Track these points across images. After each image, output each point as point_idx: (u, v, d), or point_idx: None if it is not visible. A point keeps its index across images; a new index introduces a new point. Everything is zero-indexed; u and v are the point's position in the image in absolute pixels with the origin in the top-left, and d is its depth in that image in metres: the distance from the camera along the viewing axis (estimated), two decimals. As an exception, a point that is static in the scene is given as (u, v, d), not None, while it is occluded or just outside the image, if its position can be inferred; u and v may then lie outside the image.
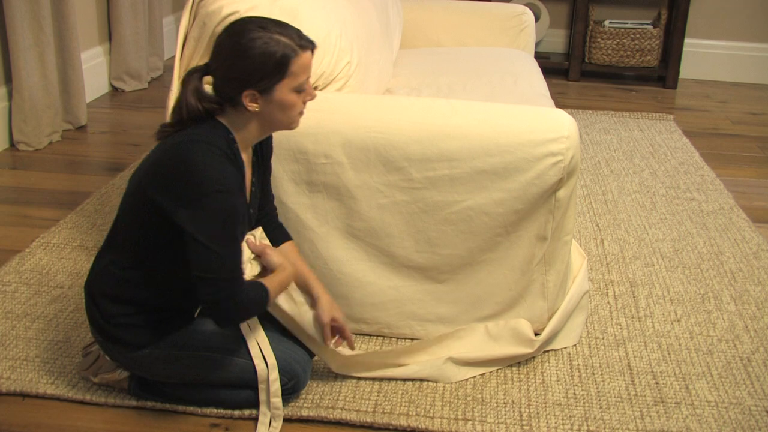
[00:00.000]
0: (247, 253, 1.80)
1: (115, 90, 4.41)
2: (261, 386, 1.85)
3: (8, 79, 3.47)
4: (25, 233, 2.76)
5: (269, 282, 1.78)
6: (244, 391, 1.88)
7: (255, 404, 1.89)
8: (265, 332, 1.87)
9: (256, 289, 1.73)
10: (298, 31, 1.70)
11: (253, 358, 1.84)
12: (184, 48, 2.15)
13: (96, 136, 3.74)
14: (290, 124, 1.76)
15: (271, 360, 1.85)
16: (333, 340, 1.94)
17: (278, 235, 1.97)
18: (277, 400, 1.86)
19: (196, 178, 1.63)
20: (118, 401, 1.92)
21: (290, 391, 1.89)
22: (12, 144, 3.52)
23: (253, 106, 1.70)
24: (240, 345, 1.85)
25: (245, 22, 1.68)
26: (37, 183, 3.19)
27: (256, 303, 1.73)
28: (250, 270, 1.81)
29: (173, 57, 3.78)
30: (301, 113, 1.77)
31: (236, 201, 1.67)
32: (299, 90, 1.71)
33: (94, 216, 2.87)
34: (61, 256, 2.59)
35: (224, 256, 1.66)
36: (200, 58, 2.11)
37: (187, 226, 1.64)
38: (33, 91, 3.44)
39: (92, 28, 4.18)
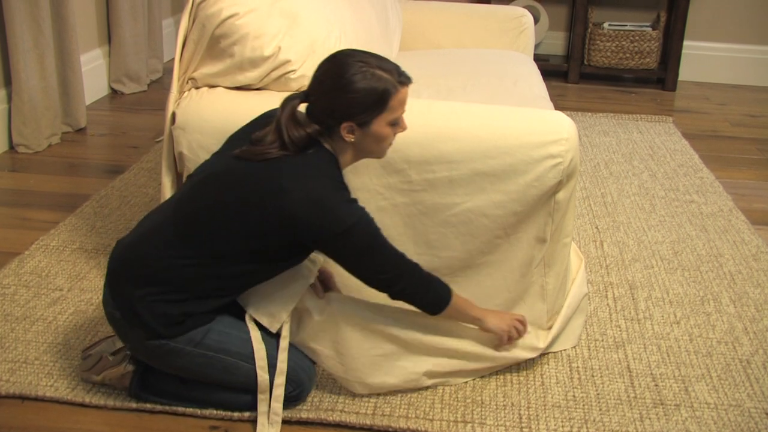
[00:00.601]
0: None
1: (114, 92, 4.41)
2: (261, 397, 1.86)
3: (8, 82, 3.48)
4: (25, 236, 2.76)
5: (462, 299, 1.92)
6: (245, 396, 1.89)
7: (255, 407, 1.89)
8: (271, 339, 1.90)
9: (438, 287, 1.86)
10: (397, 67, 1.76)
11: (257, 369, 1.85)
12: (184, 50, 2.15)
13: (95, 139, 3.74)
14: (380, 154, 1.84)
15: (282, 365, 1.87)
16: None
17: None
18: (277, 406, 1.86)
19: (329, 222, 1.70)
20: (118, 404, 1.92)
21: (294, 398, 1.90)
22: (11, 146, 3.52)
23: (349, 137, 1.76)
24: (248, 350, 1.85)
25: (347, 55, 1.74)
26: (37, 185, 3.19)
27: (435, 298, 1.85)
28: None
29: (173, 59, 3.78)
30: (390, 144, 1.83)
31: (369, 216, 1.76)
32: (394, 123, 1.78)
33: (94, 218, 2.87)
34: (60, 259, 2.58)
35: (383, 259, 1.77)
36: (200, 60, 2.11)
37: (344, 257, 1.76)
38: (32, 93, 3.45)
39: (92, 30, 4.18)
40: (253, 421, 1.89)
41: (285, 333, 1.89)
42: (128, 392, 1.93)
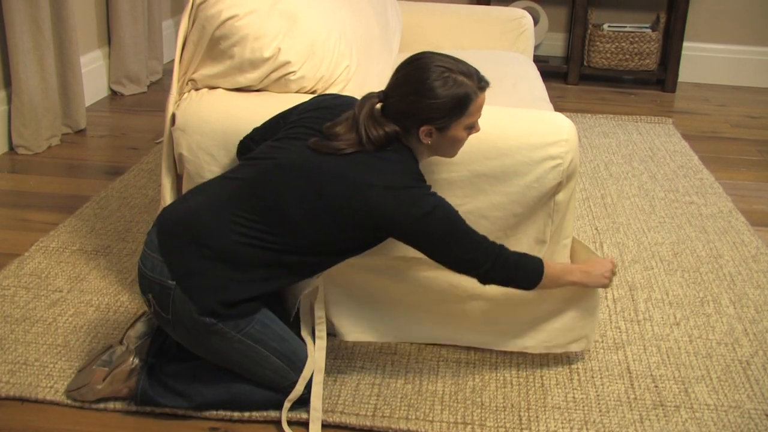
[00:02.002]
0: None
1: (114, 93, 4.41)
2: (287, 404, 1.88)
3: (7, 83, 3.48)
4: (24, 237, 2.76)
5: (554, 265, 1.91)
6: (261, 393, 1.89)
7: (268, 407, 1.90)
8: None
9: (530, 263, 1.85)
10: (477, 72, 1.79)
11: (301, 377, 1.87)
12: (184, 51, 2.15)
13: (95, 140, 3.74)
14: (452, 155, 1.87)
15: (321, 363, 1.90)
16: None
17: None
18: (317, 403, 1.88)
19: (416, 208, 1.72)
20: (117, 406, 1.92)
21: (305, 401, 1.91)
22: (11, 148, 3.52)
23: (426, 140, 1.79)
24: (283, 346, 1.85)
25: (430, 59, 1.76)
26: (36, 187, 3.19)
27: (527, 273, 1.85)
28: None
29: (172, 61, 3.78)
30: (462, 145, 1.85)
31: (443, 206, 1.77)
32: (470, 127, 1.81)
33: (93, 220, 2.87)
34: (60, 260, 2.58)
35: (467, 243, 1.78)
36: (200, 61, 2.11)
37: (424, 244, 1.77)
38: (32, 94, 3.45)
39: (91, 31, 4.18)
40: (253, 422, 1.89)
41: (322, 333, 1.92)
42: (135, 395, 1.89)
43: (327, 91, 2.18)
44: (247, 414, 1.90)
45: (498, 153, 1.99)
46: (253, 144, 1.98)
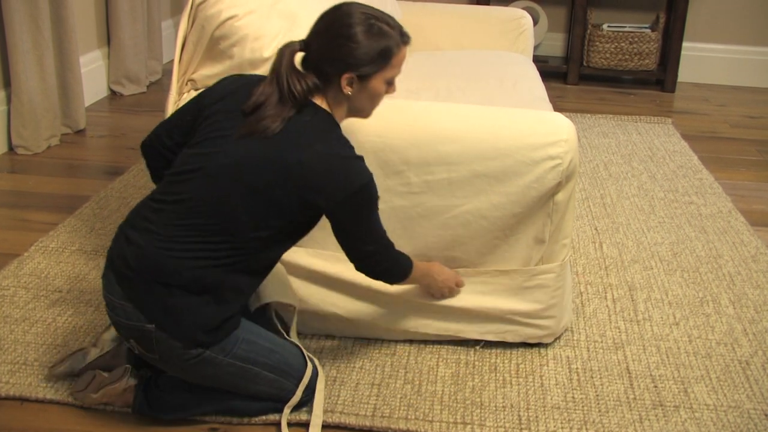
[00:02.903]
0: None
1: (113, 94, 4.41)
2: (287, 410, 1.87)
3: (7, 83, 3.48)
4: (24, 237, 2.76)
5: (416, 262, 1.96)
6: (259, 403, 1.88)
7: (262, 413, 1.89)
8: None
9: (405, 260, 1.92)
10: (400, 26, 1.79)
11: (299, 387, 1.87)
12: (183, 52, 2.15)
13: (95, 140, 3.74)
14: (368, 113, 1.86)
15: (320, 369, 1.93)
16: None
17: None
18: (319, 408, 1.88)
19: (346, 180, 1.71)
20: (117, 407, 1.92)
21: (305, 403, 1.91)
22: (11, 148, 3.52)
23: (347, 90, 1.75)
24: (273, 359, 1.84)
25: (353, 6, 1.75)
26: (36, 187, 3.19)
27: (402, 270, 1.91)
28: None
29: (172, 61, 3.79)
30: (377, 105, 1.85)
31: (374, 183, 1.77)
32: (389, 82, 1.80)
33: (93, 220, 2.87)
34: (59, 260, 2.58)
35: (376, 234, 1.81)
36: (199, 62, 2.11)
37: (345, 220, 1.76)
38: (32, 94, 3.45)
39: (91, 31, 4.18)
40: (252, 424, 1.89)
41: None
42: (132, 409, 1.88)
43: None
44: (246, 418, 1.90)
45: (497, 153, 1.99)
46: (160, 145, 1.89)
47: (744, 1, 5.05)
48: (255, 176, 1.70)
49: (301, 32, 2.10)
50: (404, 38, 1.78)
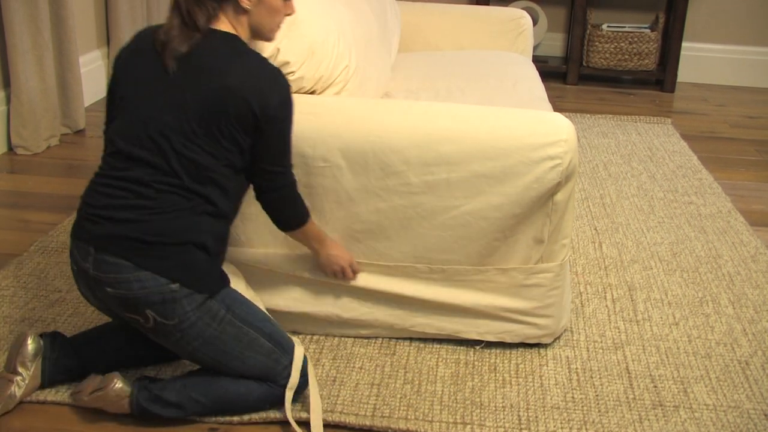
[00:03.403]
0: None
1: (113, 94, 4.40)
2: (288, 394, 1.87)
3: (6, 83, 3.48)
4: (24, 237, 2.76)
5: (315, 223, 2.02)
6: (256, 390, 1.87)
7: (265, 406, 1.89)
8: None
9: (304, 207, 1.96)
10: None
11: (293, 369, 1.87)
12: (183, 52, 2.14)
13: (94, 140, 3.74)
14: (270, 33, 1.91)
15: (308, 357, 1.97)
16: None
17: None
18: (317, 395, 1.90)
19: (281, 85, 1.81)
20: (111, 411, 1.92)
21: (302, 388, 1.91)
22: (10, 148, 3.52)
23: (245, 3, 1.82)
24: (268, 327, 1.87)
25: None
26: (36, 187, 3.19)
27: (302, 206, 1.95)
28: None
29: (171, 61, 3.77)
30: (279, 27, 1.92)
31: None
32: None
33: (93, 220, 2.87)
34: (59, 260, 2.58)
35: (289, 157, 1.88)
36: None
37: (279, 128, 1.81)
38: (31, 95, 3.45)
39: (91, 32, 4.18)
40: (252, 424, 1.89)
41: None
42: (131, 410, 1.86)
43: (326, 92, 2.19)
44: (246, 417, 1.90)
45: (497, 153, 1.99)
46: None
47: (743, 1, 5.06)
48: (191, 119, 1.76)
49: (300, 33, 2.10)
50: None
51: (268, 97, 1.77)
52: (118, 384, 1.86)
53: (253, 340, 1.84)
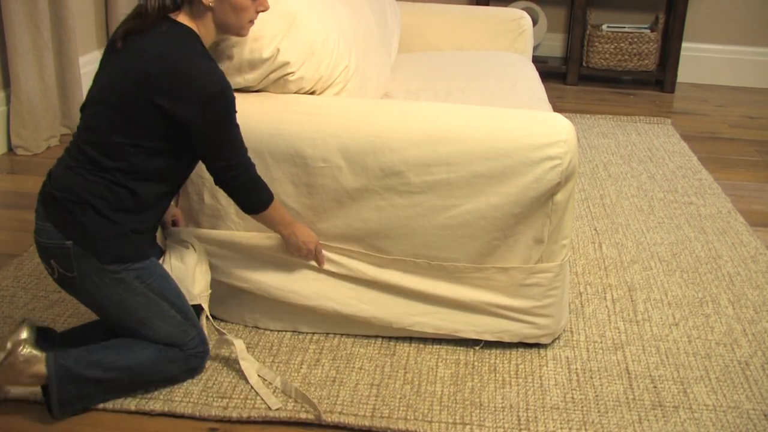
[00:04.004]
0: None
1: (113, 94, 4.40)
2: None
3: (6, 84, 3.48)
4: (23, 238, 2.76)
5: (281, 206, 2.02)
6: (166, 352, 1.93)
7: (175, 374, 1.97)
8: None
9: (266, 187, 1.95)
10: None
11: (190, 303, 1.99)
12: (182, 52, 2.15)
13: (94, 141, 3.73)
14: (240, 29, 1.90)
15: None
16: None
17: None
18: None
19: (201, 86, 1.77)
20: (116, 406, 1.92)
21: (201, 358, 2.00)
22: (10, 148, 3.52)
23: (207, 0, 1.82)
24: (180, 302, 1.94)
25: None
26: (36, 187, 3.19)
27: (263, 190, 1.94)
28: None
29: (171, 61, 3.77)
30: (252, 22, 1.91)
31: (233, 93, 1.82)
32: None
33: (92, 220, 2.87)
34: (59, 261, 2.58)
35: (235, 142, 1.86)
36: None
37: (201, 128, 1.80)
38: (31, 95, 3.45)
39: (90, 32, 4.18)
40: (252, 422, 1.90)
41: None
42: (50, 373, 1.84)
43: (326, 92, 2.19)
44: (246, 414, 1.90)
45: (497, 153, 1.99)
46: None
47: (743, 1, 5.06)
48: (111, 94, 1.81)
49: (300, 33, 2.10)
50: None
51: (189, 96, 1.77)
52: (30, 350, 1.86)
53: (164, 312, 1.92)
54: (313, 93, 2.16)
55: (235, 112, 1.84)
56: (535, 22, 5.02)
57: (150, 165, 1.84)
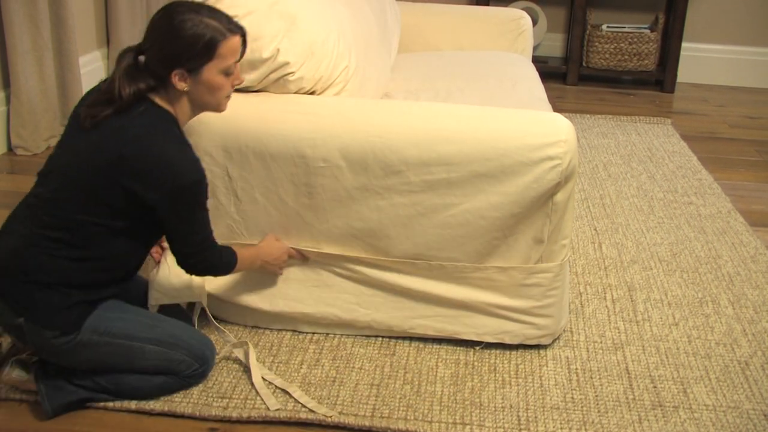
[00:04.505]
0: None
1: (113, 94, 4.40)
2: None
3: (6, 84, 3.48)
4: (23, 237, 2.75)
5: (241, 251, 1.98)
6: (157, 377, 1.92)
7: (167, 391, 1.94)
8: (174, 320, 1.99)
9: (228, 255, 1.94)
10: (228, 17, 1.81)
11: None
12: (182, 52, 2.15)
13: (94, 141, 3.73)
14: (218, 106, 1.86)
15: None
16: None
17: None
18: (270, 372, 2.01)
19: (175, 174, 1.74)
20: (117, 405, 1.92)
21: (200, 375, 1.97)
22: (10, 148, 3.52)
23: (182, 85, 1.78)
24: (154, 332, 1.89)
25: (178, 4, 1.77)
26: (35, 187, 3.19)
27: (226, 264, 1.94)
28: None
29: (171, 61, 3.77)
30: (228, 97, 1.87)
31: (206, 182, 1.81)
32: (227, 73, 1.81)
33: (92, 220, 2.87)
34: (59, 261, 2.58)
35: (202, 233, 1.85)
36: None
37: (170, 214, 1.79)
38: (31, 95, 3.45)
39: (90, 32, 4.18)
40: (252, 422, 1.90)
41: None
42: (45, 411, 1.88)
43: (326, 92, 2.19)
44: (246, 414, 1.90)
45: (497, 153, 1.99)
46: None
47: (743, 1, 5.06)
48: (80, 171, 1.77)
49: (300, 33, 2.10)
50: (231, 27, 1.80)
51: (157, 183, 1.74)
52: (17, 372, 1.89)
53: (140, 350, 1.88)
54: (313, 93, 2.16)
55: (207, 199, 1.82)
56: (535, 22, 5.02)
57: (111, 244, 1.81)
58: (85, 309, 1.83)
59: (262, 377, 2.02)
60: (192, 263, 1.88)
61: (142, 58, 1.79)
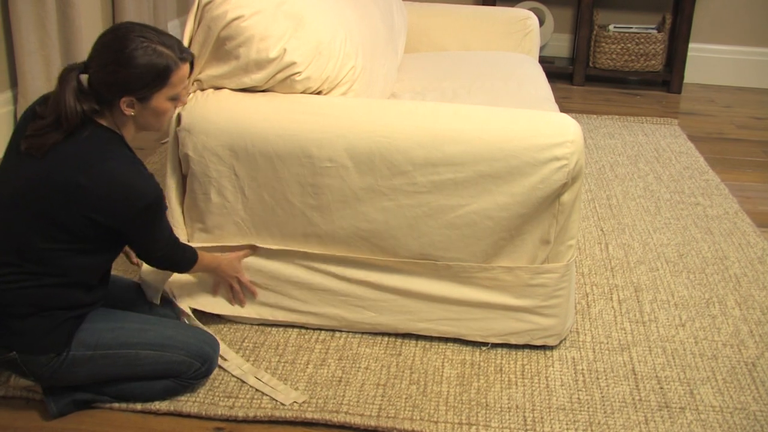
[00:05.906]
0: None
1: (120, 94, 4.41)
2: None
3: (13, 83, 3.48)
4: (30, 237, 2.76)
5: (202, 254, 2.04)
6: (159, 382, 1.92)
7: (171, 394, 1.94)
8: (171, 321, 2.00)
9: (190, 253, 1.99)
10: (179, 42, 1.78)
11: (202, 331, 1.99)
12: (189, 52, 2.15)
13: (101, 140, 3.74)
14: (159, 128, 1.85)
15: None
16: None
17: None
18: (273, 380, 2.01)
19: (136, 198, 1.73)
20: (123, 405, 1.92)
21: (203, 374, 1.95)
22: (17, 148, 3.52)
23: (129, 111, 1.76)
24: (147, 336, 1.88)
25: (130, 29, 1.73)
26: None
27: (187, 261, 1.98)
28: None
29: (178, 61, 3.77)
30: (171, 118, 1.91)
31: (163, 194, 1.81)
32: (174, 98, 1.80)
33: (99, 220, 2.88)
34: (65, 260, 2.59)
35: (164, 236, 1.87)
36: (205, 62, 2.11)
37: (134, 231, 1.79)
38: (38, 95, 3.45)
39: (98, 32, 4.18)
40: (258, 422, 1.90)
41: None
42: (50, 413, 1.89)
43: (332, 92, 2.19)
44: (252, 414, 1.90)
45: (503, 154, 1.99)
46: None
47: (750, 2, 5.05)
48: (36, 200, 1.72)
49: (307, 33, 2.11)
50: (183, 55, 1.77)
51: (117, 210, 1.73)
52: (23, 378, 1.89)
53: (136, 356, 1.87)
54: (319, 93, 2.16)
55: (164, 207, 1.82)
56: (541, 23, 5.02)
57: (75, 262, 1.78)
58: (73, 324, 1.82)
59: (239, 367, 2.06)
60: (155, 261, 1.92)
61: (85, 77, 1.75)
